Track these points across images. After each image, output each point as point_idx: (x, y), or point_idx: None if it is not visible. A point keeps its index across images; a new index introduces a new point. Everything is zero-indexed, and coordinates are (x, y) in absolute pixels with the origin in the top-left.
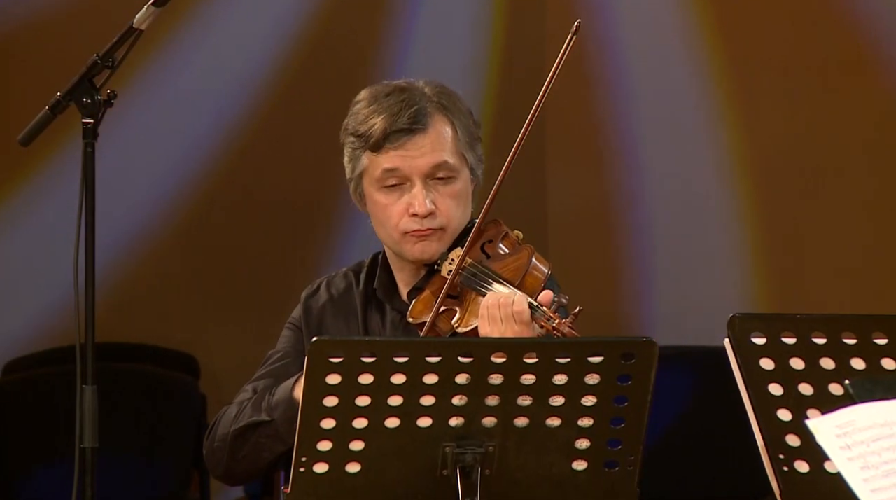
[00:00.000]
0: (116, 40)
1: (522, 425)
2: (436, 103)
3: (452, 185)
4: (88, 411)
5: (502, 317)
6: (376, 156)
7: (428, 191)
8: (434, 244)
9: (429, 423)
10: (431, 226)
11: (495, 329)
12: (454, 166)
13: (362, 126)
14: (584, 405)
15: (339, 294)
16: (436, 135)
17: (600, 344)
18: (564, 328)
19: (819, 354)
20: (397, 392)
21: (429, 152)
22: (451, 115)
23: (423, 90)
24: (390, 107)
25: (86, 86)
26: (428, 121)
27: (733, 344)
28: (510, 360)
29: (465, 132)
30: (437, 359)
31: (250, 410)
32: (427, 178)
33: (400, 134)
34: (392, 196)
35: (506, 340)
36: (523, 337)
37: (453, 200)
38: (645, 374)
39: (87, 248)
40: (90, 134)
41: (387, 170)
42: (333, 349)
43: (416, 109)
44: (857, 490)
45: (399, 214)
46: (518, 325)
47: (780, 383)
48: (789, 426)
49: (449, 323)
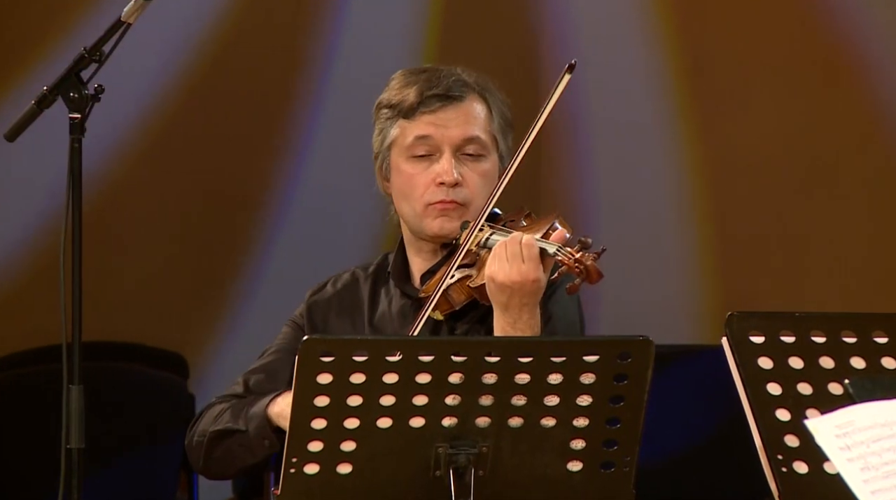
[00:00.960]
0: (104, 34)
1: (517, 425)
2: (472, 83)
3: (481, 163)
4: (75, 412)
5: (509, 255)
6: (409, 123)
7: (457, 162)
8: (454, 222)
9: (421, 423)
10: (456, 198)
11: (502, 268)
12: (485, 144)
13: (396, 96)
14: (580, 405)
15: (344, 287)
16: (470, 108)
17: (596, 343)
18: (588, 261)
19: (818, 353)
20: (390, 392)
21: (462, 124)
22: (487, 95)
23: (460, 73)
24: (427, 79)
25: (73, 80)
26: (465, 93)
27: (731, 343)
28: (504, 359)
29: (500, 116)
30: (430, 358)
31: (229, 415)
32: (457, 150)
33: (434, 100)
34: (419, 166)
35: (500, 339)
36: (526, 302)
37: (481, 178)
38: (641, 373)
39: (74, 245)
40: (77, 129)
41: (418, 137)
42: (325, 348)
43: (453, 79)
44: (857, 492)
45: (425, 185)
46: (526, 262)
47: (778, 383)
48: (788, 427)
49: (463, 294)
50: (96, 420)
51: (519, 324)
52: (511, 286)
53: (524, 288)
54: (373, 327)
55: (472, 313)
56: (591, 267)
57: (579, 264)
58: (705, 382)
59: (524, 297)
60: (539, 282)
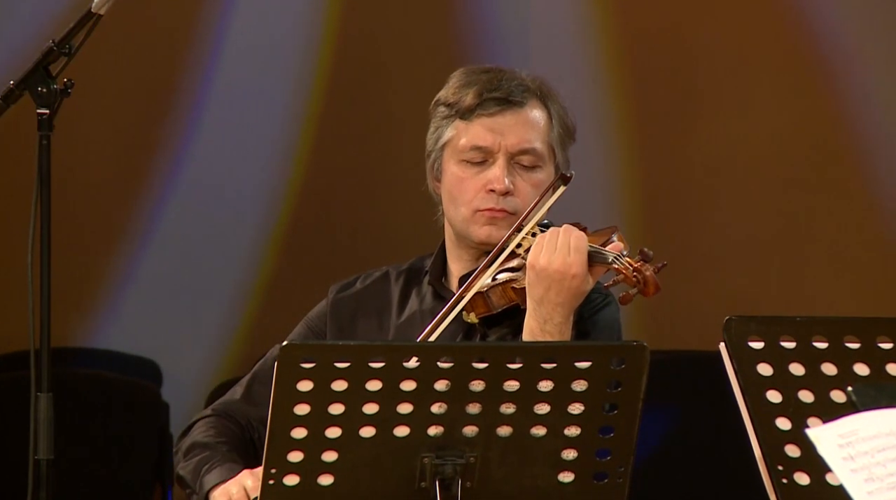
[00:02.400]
0: (73, 26)
1: (506, 434)
2: (535, 89)
3: (535, 173)
4: (43, 421)
5: (558, 244)
6: (465, 125)
7: (510, 171)
8: (502, 231)
9: (406, 432)
10: (506, 207)
11: (545, 255)
12: (541, 154)
13: (455, 95)
14: (572, 414)
15: (374, 284)
16: (530, 116)
17: (588, 349)
18: (647, 272)
19: (820, 359)
20: (373, 400)
21: (520, 132)
22: (549, 103)
23: (522, 75)
24: (489, 80)
25: (41, 74)
26: (525, 99)
27: (729, 349)
28: (493, 365)
29: (561, 126)
30: (415, 364)
31: (193, 464)
32: (511, 158)
33: (493, 103)
34: (470, 171)
35: (488, 344)
36: (551, 295)
37: (533, 188)
38: (635, 380)
39: (43, 247)
40: (46, 125)
41: (473, 147)
42: (305, 354)
43: (515, 84)
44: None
45: (475, 190)
46: (572, 254)
47: (778, 390)
48: (789, 436)
49: (505, 297)
50: (66, 430)
51: (549, 326)
52: (551, 275)
53: (563, 281)
54: (399, 328)
55: (509, 322)
56: (650, 278)
57: (637, 274)
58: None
59: (561, 292)
60: (579, 280)
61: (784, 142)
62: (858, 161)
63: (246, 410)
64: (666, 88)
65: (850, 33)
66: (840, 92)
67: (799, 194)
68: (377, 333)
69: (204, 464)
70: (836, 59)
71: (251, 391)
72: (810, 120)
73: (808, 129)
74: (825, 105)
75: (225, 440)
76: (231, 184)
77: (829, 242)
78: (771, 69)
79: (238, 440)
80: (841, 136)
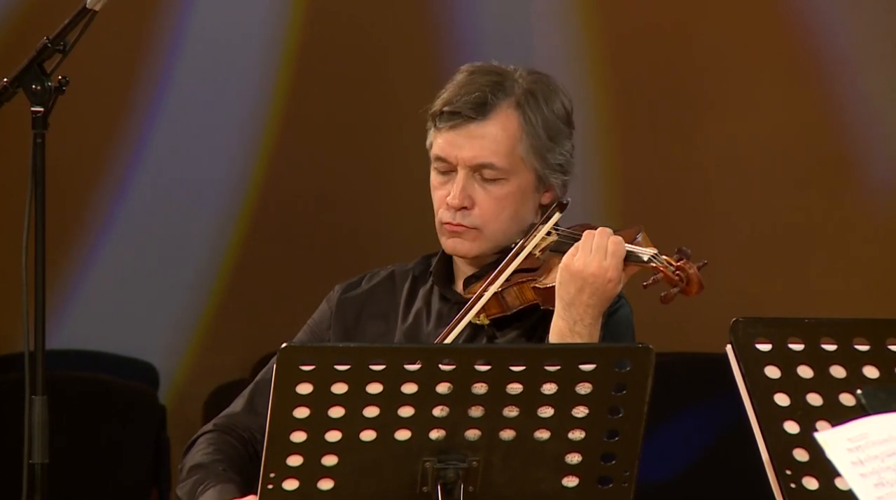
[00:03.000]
0: (68, 22)
1: (509, 438)
2: (514, 96)
3: (500, 186)
4: (38, 425)
5: (594, 246)
6: (435, 132)
7: (470, 185)
8: (467, 243)
9: (407, 436)
10: (463, 222)
11: (582, 257)
12: (503, 169)
13: (436, 99)
14: (576, 417)
15: (380, 285)
16: (487, 131)
17: (592, 351)
18: (691, 270)
19: (829, 361)
20: (374, 403)
21: (475, 146)
22: (526, 112)
23: (515, 77)
24: (466, 85)
25: (35, 71)
26: (489, 112)
27: (736, 351)
28: (495, 367)
29: (537, 136)
30: (417, 367)
31: (189, 485)
32: (472, 171)
33: (453, 116)
34: (441, 180)
35: (491, 346)
36: (575, 299)
37: (496, 202)
38: (641, 383)
39: (38, 247)
40: (40, 124)
41: (436, 156)
42: (304, 357)
43: (479, 96)
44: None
45: (440, 201)
46: (609, 258)
47: (786, 393)
48: (797, 440)
49: (521, 298)
50: (61, 434)
51: (578, 327)
52: (585, 278)
53: (596, 284)
54: (406, 332)
55: (519, 323)
56: (694, 276)
57: (680, 273)
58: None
59: (593, 295)
60: (614, 284)
61: (789, 142)
62: (864, 160)
63: (248, 422)
64: (668, 88)
65: (854, 32)
66: (844, 91)
67: (805, 194)
68: (383, 336)
69: (199, 485)
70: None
71: (253, 402)
72: (814, 119)
73: (813, 128)
74: (829, 104)
75: (222, 458)
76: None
77: (837, 242)
78: (775, 68)
79: (237, 457)
80: (846, 135)
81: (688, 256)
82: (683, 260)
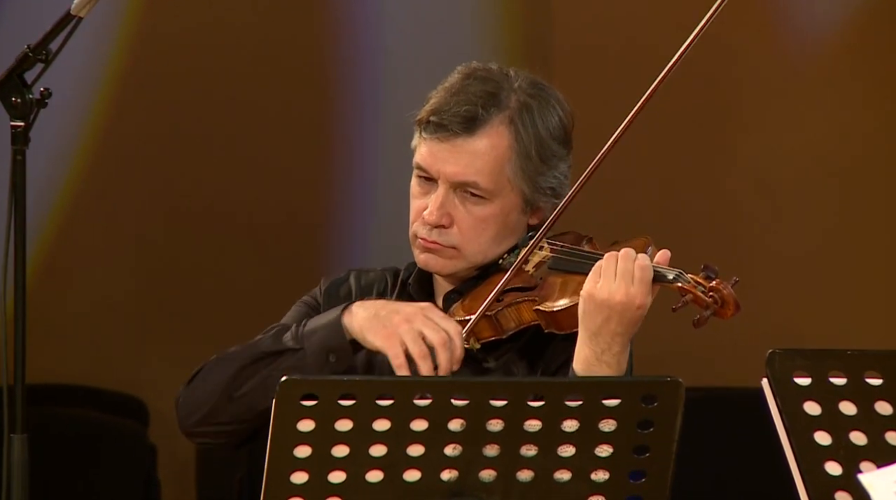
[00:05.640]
0: (51, 29)
1: (526, 479)
2: (508, 111)
3: (482, 206)
4: (17, 464)
5: (618, 273)
6: (420, 139)
7: (449, 201)
8: (441, 261)
9: (417, 477)
10: (439, 240)
11: (606, 286)
12: (487, 189)
13: (429, 99)
14: (599, 456)
15: (369, 287)
16: (476, 147)
17: (617, 385)
18: (726, 290)
19: (874, 397)
20: (381, 440)
21: (462, 163)
22: (518, 130)
23: (512, 87)
24: (457, 93)
25: (15, 83)
26: (478, 128)
27: (773, 385)
28: (512, 402)
29: (525, 157)
30: (427, 402)
31: (270, 340)
32: (454, 187)
33: (440, 128)
34: (421, 189)
35: (507, 380)
36: (596, 334)
37: (477, 222)
38: (669, 420)
39: (17, 272)
40: (20, 139)
41: (417, 164)
42: (306, 390)
43: (468, 111)
44: None
45: (417, 212)
46: (636, 284)
47: (828, 431)
48: (839, 482)
49: (515, 320)
50: (42, 475)
51: (606, 356)
52: (612, 307)
53: (625, 313)
54: None
55: (510, 344)
56: (729, 297)
57: (714, 294)
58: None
59: (621, 324)
60: (644, 310)
61: (830, 158)
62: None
63: None
64: (703, 99)
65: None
66: (892, 108)
67: (847, 215)
68: None
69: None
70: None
71: None
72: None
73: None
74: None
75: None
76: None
77: (883, 266)
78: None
79: None
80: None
81: (716, 273)
82: (717, 280)
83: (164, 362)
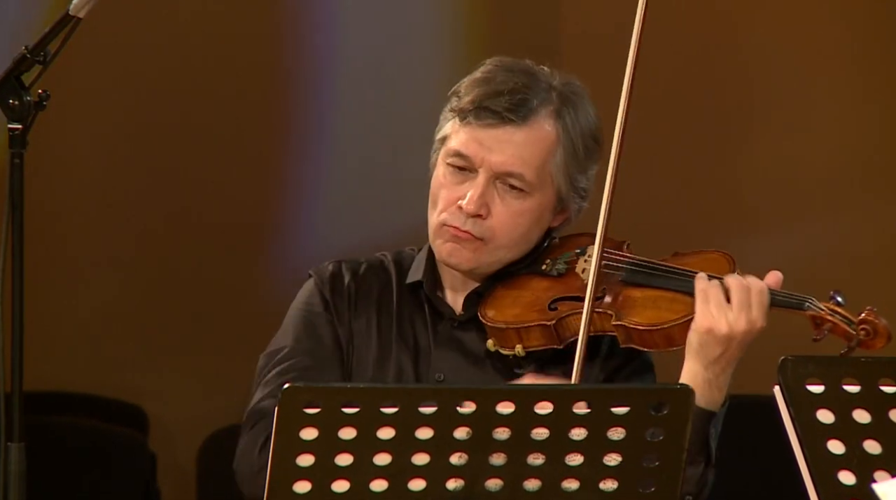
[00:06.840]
0: (49, 31)
1: (533, 488)
2: (553, 104)
3: (522, 200)
4: (14, 474)
5: (735, 303)
6: (459, 126)
7: (489, 191)
8: (466, 253)
9: (422, 486)
10: (472, 230)
11: (721, 318)
12: (531, 183)
13: (464, 89)
14: (607, 465)
15: (364, 277)
16: (527, 137)
17: (626, 392)
18: (875, 319)
19: (888, 405)
20: (385, 449)
21: (509, 151)
22: (563, 124)
23: (550, 82)
24: (502, 82)
25: (13, 85)
26: (530, 117)
27: (785, 393)
28: (518, 410)
29: (570, 153)
30: (432, 410)
31: None
32: (494, 177)
33: (489, 113)
34: (454, 178)
35: (513, 387)
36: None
37: (514, 215)
38: (679, 427)
39: (15, 278)
40: (18, 142)
41: (457, 152)
42: (309, 398)
43: (521, 98)
44: None
45: (449, 201)
46: (754, 309)
47: (841, 440)
48: (853, 491)
49: (575, 330)
50: (40, 484)
51: (720, 380)
52: (734, 337)
53: (747, 338)
54: (403, 335)
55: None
56: (882, 327)
57: (865, 326)
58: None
59: (740, 349)
60: (761, 331)
61: (846, 160)
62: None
63: None
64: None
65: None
66: None
67: (864, 216)
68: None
69: None
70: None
71: None
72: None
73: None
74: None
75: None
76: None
77: None
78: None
79: None
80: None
81: (845, 301)
82: (869, 310)
83: (164, 371)
